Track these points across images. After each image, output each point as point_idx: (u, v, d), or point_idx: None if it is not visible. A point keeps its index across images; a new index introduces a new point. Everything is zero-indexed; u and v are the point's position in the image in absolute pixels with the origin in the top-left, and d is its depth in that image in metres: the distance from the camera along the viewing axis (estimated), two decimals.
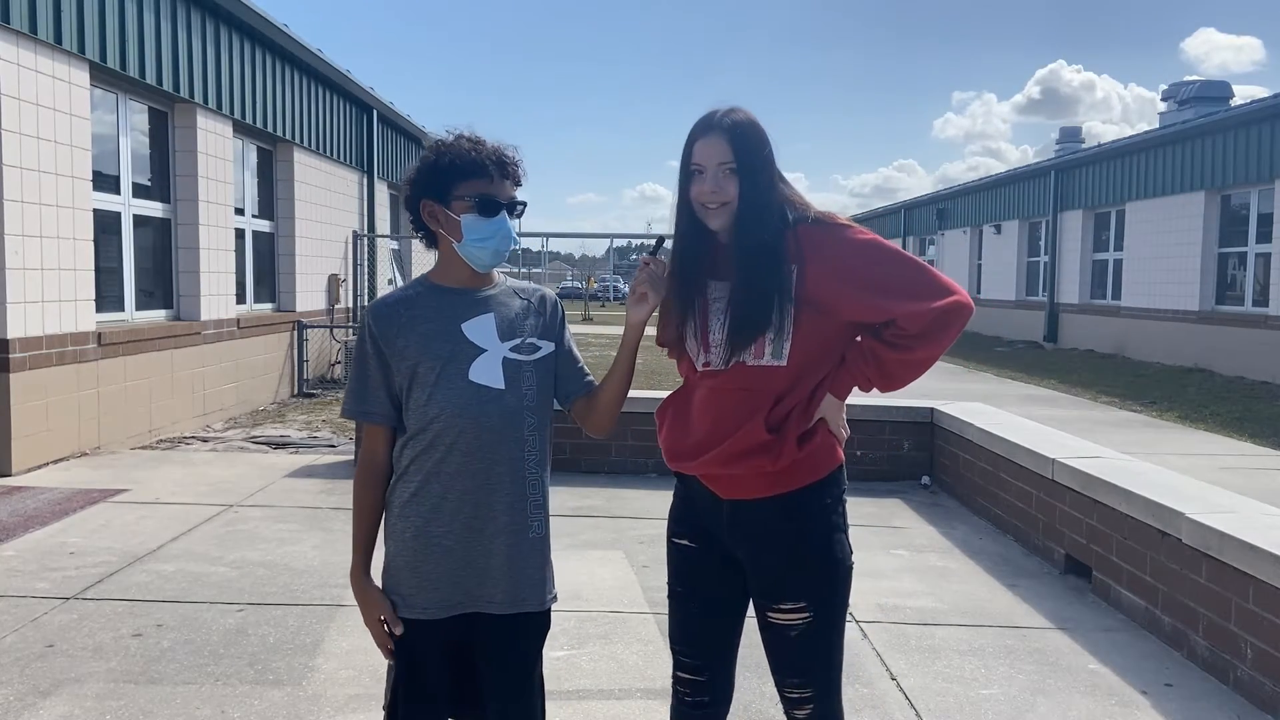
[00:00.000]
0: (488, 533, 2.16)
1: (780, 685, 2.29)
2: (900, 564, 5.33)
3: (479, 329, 2.18)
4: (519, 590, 2.19)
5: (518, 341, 2.21)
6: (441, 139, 2.22)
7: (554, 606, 2.30)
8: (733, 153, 2.15)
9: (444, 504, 2.15)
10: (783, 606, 2.22)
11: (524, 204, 2.24)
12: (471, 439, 2.14)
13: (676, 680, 2.38)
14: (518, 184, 2.22)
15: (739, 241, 2.18)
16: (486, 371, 2.16)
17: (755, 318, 2.15)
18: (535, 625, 2.24)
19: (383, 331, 2.17)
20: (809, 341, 2.17)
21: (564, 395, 2.33)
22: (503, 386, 2.16)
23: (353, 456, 7.77)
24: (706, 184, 2.16)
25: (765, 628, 2.27)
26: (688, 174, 2.20)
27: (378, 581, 2.24)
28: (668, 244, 2.32)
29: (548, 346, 2.25)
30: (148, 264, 9.25)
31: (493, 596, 2.17)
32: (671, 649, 2.40)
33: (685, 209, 2.24)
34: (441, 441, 2.14)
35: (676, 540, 2.38)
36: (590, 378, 2.34)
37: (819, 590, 2.22)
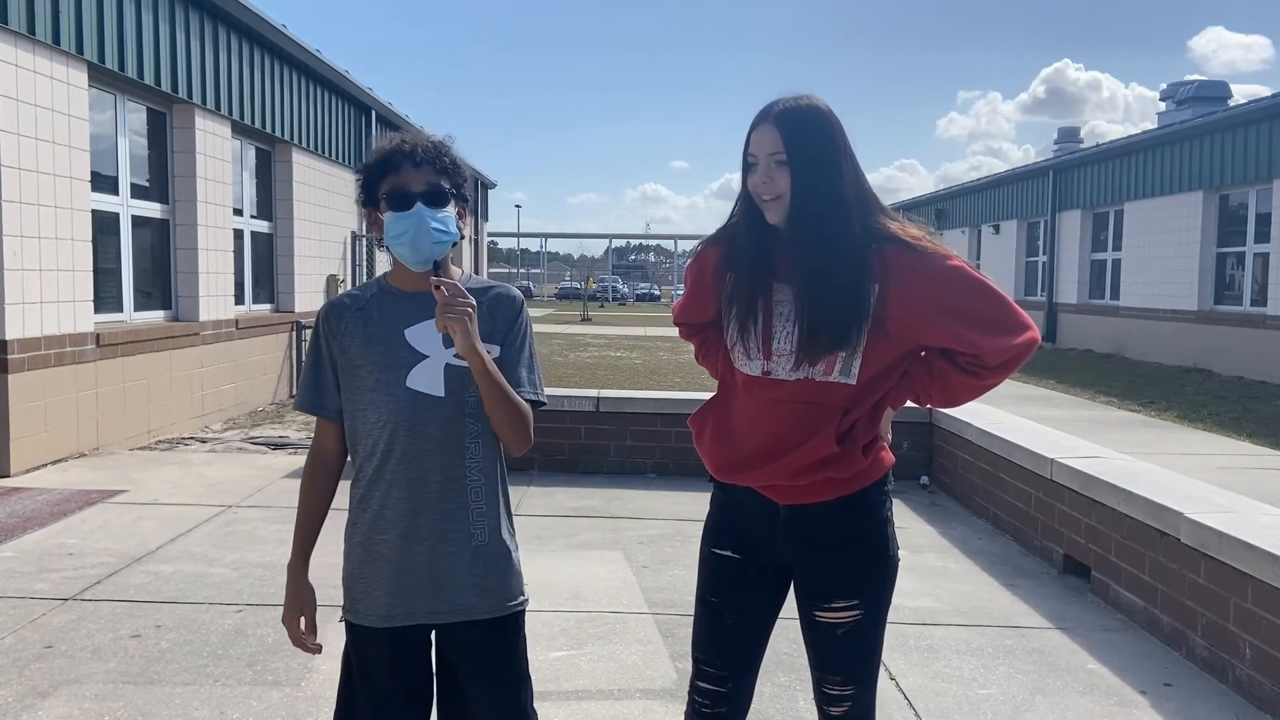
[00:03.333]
0: (426, 542, 2.10)
1: (820, 683, 2.28)
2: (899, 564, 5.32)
3: (422, 335, 2.10)
4: (471, 598, 2.12)
5: None
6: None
7: (552, 607, 2.30)
8: (782, 142, 2.07)
9: (385, 512, 2.12)
10: (834, 605, 2.21)
11: (451, 190, 2.09)
12: (408, 447, 2.08)
13: (696, 690, 2.33)
14: (441, 172, 2.08)
15: (794, 239, 2.10)
16: (426, 379, 2.09)
17: (832, 337, 2.07)
18: (498, 631, 2.15)
19: (331, 330, 2.15)
20: (879, 360, 2.12)
21: None
22: (443, 394, 2.08)
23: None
24: (758, 175, 2.09)
25: (810, 628, 2.27)
26: (745, 165, 2.14)
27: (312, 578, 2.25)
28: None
29: (494, 351, 2.11)
30: (146, 265, 9.25)
31: (437, 607, 2.12)
32: (695, 659, 2.36)
33: (746, 202, 2.16)
34: (379, 448, 2.10)
35: (718, 551, 2.34)
36: (523, 389, 2.17)
37: (872, 586, 2.23)
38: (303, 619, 2.24)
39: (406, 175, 2.05)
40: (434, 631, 2.17)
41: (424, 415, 2.08)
